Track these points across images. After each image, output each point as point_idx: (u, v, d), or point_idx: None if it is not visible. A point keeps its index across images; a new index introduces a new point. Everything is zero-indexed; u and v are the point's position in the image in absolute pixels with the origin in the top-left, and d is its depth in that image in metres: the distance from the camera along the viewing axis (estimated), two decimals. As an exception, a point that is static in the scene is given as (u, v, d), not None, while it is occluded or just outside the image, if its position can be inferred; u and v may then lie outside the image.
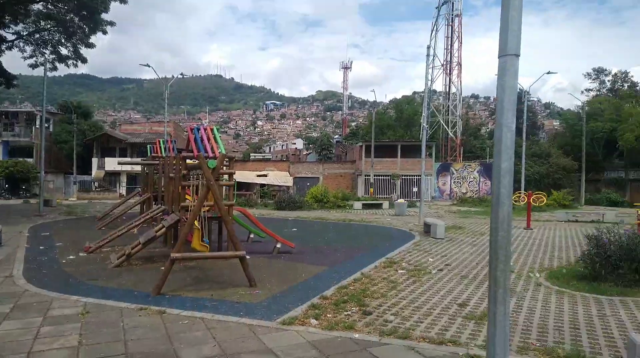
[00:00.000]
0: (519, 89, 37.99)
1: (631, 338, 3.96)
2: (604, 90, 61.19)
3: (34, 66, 27.51)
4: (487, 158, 47.93)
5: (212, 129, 11.75)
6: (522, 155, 32.49)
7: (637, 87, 57.55)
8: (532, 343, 5.27)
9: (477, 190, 39.74)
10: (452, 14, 45.48)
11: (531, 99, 67.29)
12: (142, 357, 4.77)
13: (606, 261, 8.00)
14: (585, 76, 62.25)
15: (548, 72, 34.03)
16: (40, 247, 12.45)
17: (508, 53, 3.33)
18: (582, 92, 64.99)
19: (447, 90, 47.84)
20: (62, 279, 8.60)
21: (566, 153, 44.60)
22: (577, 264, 9.71)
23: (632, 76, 60.99)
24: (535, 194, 23.21)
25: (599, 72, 61.72)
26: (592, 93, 61.14)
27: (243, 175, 38.14)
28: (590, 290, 7.70)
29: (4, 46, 27.07)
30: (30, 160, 43.39)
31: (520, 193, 26.84)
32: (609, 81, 61.52)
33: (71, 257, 10.89)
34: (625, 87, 58.52)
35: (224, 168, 11.91)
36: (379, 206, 30.63)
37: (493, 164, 3.44)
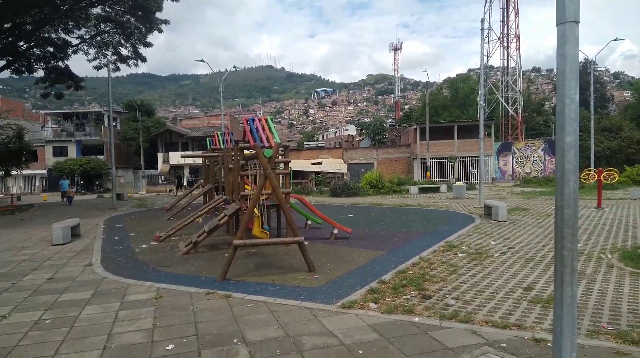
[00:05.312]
0: (585, 58, 35.52)
1: None
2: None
3: (98, 68, 29.55)
4: (552, 134, 45.31)
5: (266, 120, 12.02)
6: (591, 130, 30.43)
7: None
8: (603, 326, 5.01)
9: (542, 169, 37.78)
10: (507, -17, 43.00)
11: (598, 69, 62.55)
12: (212, 338, 5.05)
13: (689, 240, 7.42)
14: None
15: (615, 39, 31.33)
16: (115, 238, 13.39)
17: (567, 20, 3.16)
18: (656, 58, 59.30)
19: (505, 65, 45.43)
20: (136, 266, 9.23)
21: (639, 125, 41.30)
22: (655, 244, 9.06)
23: None
24: (606, 171, 21.68)
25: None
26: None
27: (298, 164, 38.67)
28: (671, 271, 7.18)
29: (69, 50, 29.26)
30: (101, 157, 46.53)
31: (589, 171, 25.18)
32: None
33: (143, 246, 11.64)
34: None
35: (280, 156, 12.17)
36: (436, 189, 30.01)
37: (556, 139, 3.30)
